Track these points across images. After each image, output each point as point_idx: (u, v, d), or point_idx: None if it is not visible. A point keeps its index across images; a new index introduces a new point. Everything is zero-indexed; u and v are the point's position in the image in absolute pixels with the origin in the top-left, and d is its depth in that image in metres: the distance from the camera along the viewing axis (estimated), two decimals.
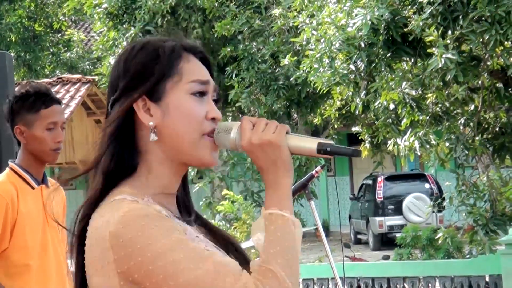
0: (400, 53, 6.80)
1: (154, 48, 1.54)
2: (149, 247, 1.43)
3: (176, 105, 1.52)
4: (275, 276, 1.44)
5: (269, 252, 1.46)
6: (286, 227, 1.49)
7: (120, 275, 1.45)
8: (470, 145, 7.33)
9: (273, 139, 1.51)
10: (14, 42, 21.63)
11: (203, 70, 1.57)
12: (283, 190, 1.52)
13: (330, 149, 1.50)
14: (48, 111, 3.15)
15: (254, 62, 13.28)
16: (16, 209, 3.09)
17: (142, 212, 1.45)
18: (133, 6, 14.50)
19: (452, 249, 10.91)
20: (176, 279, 1.42)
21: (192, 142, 1.53)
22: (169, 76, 1.52)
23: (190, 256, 1.43)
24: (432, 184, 16.81)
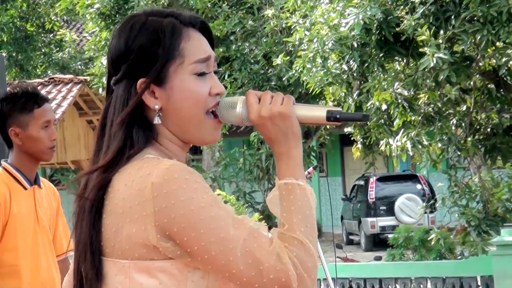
0: (392, 53, 6.80)
1: (154, 29, 1.54)
2: (192, 201, 1.43)
3: (181, 87, 1.53)
4: (301, 243, 1.46)
5: (293, 221, 1.47)
6: (304, 196, 1.51)
7: (158, 228, 1.45)
8: (462, 146, 7.34)
9: (283, 110, 1.52)
10: (5, 42, 21.56)
11: (203, 45, 1.57)
12: (296, 160, 1.53)
13: (339, 115, 1.51)
14: (41, 110, 3.14)
15: (246, 63, 13.27)
16: (8, 210, 3.07)
17: (185, 167, 1.47)
18: (126, 6, 14.48)
19: (444, 250, 10.92)
20: (216, 234, 1.43)
21: (197, 122, 1.55)
22: (172, 59, 1.53)
23: (229, 215, 1.45)
24: (424, 185, 16.84)
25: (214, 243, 1.43)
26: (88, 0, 14.69)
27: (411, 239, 12.01)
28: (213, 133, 1.58)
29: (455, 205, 7.24)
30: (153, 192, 1.44)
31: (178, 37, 1.54)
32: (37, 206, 3.17)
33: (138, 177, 1.46)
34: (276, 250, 1.44)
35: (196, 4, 12.96)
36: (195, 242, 1.43)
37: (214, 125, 1.57)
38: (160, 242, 1.45)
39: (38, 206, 3.18)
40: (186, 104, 1.53)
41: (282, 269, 1.43)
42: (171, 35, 1.54)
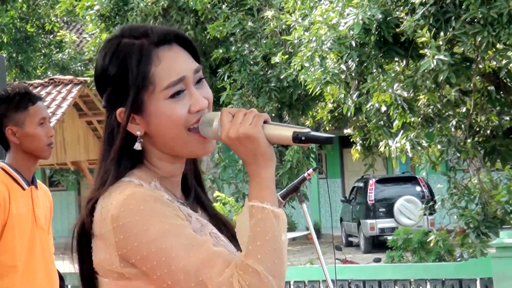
0: (391, 54, 6.79)
1: (124, 56, 1.54)
2: (144, 233, 1.46)
3: (156, 113, 1.54)
4: (255, 271, 1.45)
5: (249, 248, 1.47)
6: (267, 220, 1.48)
7: (120, 257, 1.49)
8: (462, 147, 7.33)
9: (250, 131, 1.50)
10: (6, 43, 21.56)
11: (177, 65, 1.55)
12: (264, 182, 1.51)
13: (304, 137, 1.50)
14: (36, 108, 3.16)
15: (246, 64, 13.27)
16: (7, 210, 3.07)
17: (142, 195, 1.49)
18: (125, 8, 14.48)
19: (443, 252, 10.92)
20: (167, 266, 1.46)
21: (180, 141, 1.55)
22: (143, 87, 1.53)
23: (183, 244, 1.46)
24: (424, 187, 16.84)
25: (168, 274, 1.46)
26: (88, 1, 14.70)
27: (410, 241, 12.01)
28: (201, 146, 1.57)
29: (454, 207, 7.23)
30: (112, 223, 1.49)
31: (146, 63, 1.53)
32: (34, 207, 3.18)
33: (105, 205, 1.51)
34: (228, 279, 1.44)
35: (196, 5, 12.96)
36: (152, 272, 1.47)
37: (199, 139, 1.56)
38: (125, 269, 1.50)
39: (35, 206, 3.19)
40: (165, 128, 1.54)
41: None
42: (138, 62, 1.53)
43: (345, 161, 22.12)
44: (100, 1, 14.50)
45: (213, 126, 1.55)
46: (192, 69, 1.56)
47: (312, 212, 20.63)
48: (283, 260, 1.49)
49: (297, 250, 17.28)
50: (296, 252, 16.78)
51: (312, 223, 4.47)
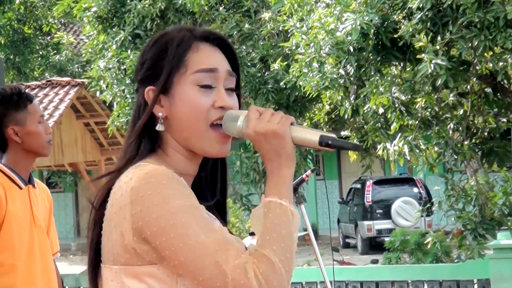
0: (389, 58, 6.82)
1: (166, 41, 1.61)
2: (165, 206, 1.47)
3: (182, 96, 1.58)
4: (270, 261, 1.48)
5: (265, 238, 1.50)
6: (284, 216, 1.52)
7: (134, 230, 1.50)
8: (459, 149, 7.35)
9: (278, 129, 1.54)
10: (3, 45, 21.55)
11: (213, 58, 1.60)
12: (284, 180, 1.55)
13: (331, 142, 1.53)
14: (34, 106, 3.20)
15: (243, 66, 13.28)
16: (4, 209, 3.09)
17: (164, 172, 1.51)
18: (123, 9, 14.48)
19: (441, 254, 10.95)
20: (184, 240, 1.46)
21: (198, 133, 1.59)
22: (176, 68, 1.58)
23: (201, 223, 1.48)
24: (421, 188, 16.87)
25: (183, 249, 1.46)
26: (85, 3, 14.70)
27: (408, 243, 12.03)
28: (217, 146, 1.60)
29: (452, 209, 7.26)
30: (131, 196, 1.50)
31: (184, 48, 1.59)
32: (32, 206, 3.20)
33: (123, 183, 1.53)
34: (243, 264, 1.47)
35: (193, 7, 12.97)
36: (166, 246, 1.47)
37: (217, 138, 1.60)
38: (137, 244, 1.50)
39: (33, 205, 3.20)
40: (185, 113, 1.58)
41: (245, 283, 1.46)
42: (177, 46, 1.59)
43: (343, 162, 22.14)
44: (98, 3, 14.51)
45: (238, 122, 1.58)
46: (225, 68, 1.62)
47: (309, 213, 20.64)
48: (294, 256, 1.52)
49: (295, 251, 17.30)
50: None
51: (309, 224, 4.50)
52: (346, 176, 21.99)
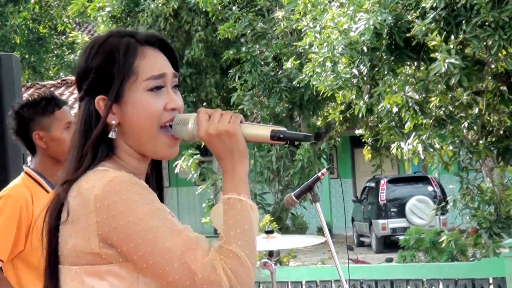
0: (403, 58, 6.81)
1: (110, 48, 1.64)
2: (131, 212, 1.52)
3: (134, 103, 1.62)
4: (236, 256, 1.54)
5: (230, 235, 1.55)
6: (244, 211, 1.58)
7: (100, 237, 1.54)
8: (474, 148, 7.34)
9: (229, 128, 1.60)
10: (18, 44, 21.66)
11: (159, 63, 1.66)
12: (240, 176, 1.61)
13: (282, 135, 1.59)
14: (62, 112, 3.21)
15: (256, 65, 13.28)
16: (31, 211, 3.11)
17: (126, 178, 1.56)
18: (136, 9, 14.53)
19: (456, 252, 10.91)
20: (152, 245, 1.51)
21: (150, 137, 1.64)
22: (127, 77, 1.62)
23: (167, 226, 1.53)
24: (435, 186, 16.81)
25: (151, 253, 1.51)
26: (100, 3, 14.75)
27: (422, 241, 12.00)
28: (168, 149, 1.65)
29: (467, 207, 7.24)
30: (95, 204, 1.54)
31: (132, 55, 1.63)
32: None
33: (85, 190, 1.56)
34: (211, 262, 1.52)
35: (206, 6, 12.99)
36: (134, 252, 1.52)
37: (168, 141, 1.65)
38: (102, 249, 1.55)
39: None
40: (139, 118, 1.63)
41: (215, 280, 1.51)
42: (125, 53, 1.63)
43: (356, 161, 22.11)
44: (112, 3, 14.57)
45: (188, 125, 1.63)
46: (171, 72, 1.67)
47: (323, 212, 20.61)
48: (256, 249, 1.58)
49: (309, 250, 17.30)
50: (308, 252, 16.80)
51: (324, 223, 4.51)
52: (360, 174, 21.94)
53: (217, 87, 14.41)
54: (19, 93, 3.88)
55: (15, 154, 3.74)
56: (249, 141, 1.61)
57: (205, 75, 14.40)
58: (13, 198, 3.11)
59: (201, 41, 14.02)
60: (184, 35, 14.32)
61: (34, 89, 15.62)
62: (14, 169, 3.69)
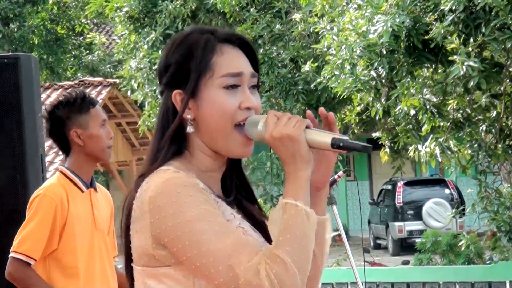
0: (421, 60, 6.79)
1: (190, 45, 1.65)
2: (180, 214, 1.54)
3: (209, 99, 1.62)
4: (282, 261, 1.53)
5: (279, 240, 1.55)
6: (298, 217, 1.57)
7: (153, 238, 1.57)
8: (493, 151, 7.30)
9: (292, 133, 1.60)
10: (36, 45, 21.78)
11: (236, 61, 1.66)
12: (300, 182, 1.60)
13: (343, 143, 1.59)
14: (97, 110, 3.24)
15: (274, 67, 13.28)
16: (66, 211, 3.13)
17: (180, 180, 1.57)
18: (154, 10, 14.57)
19: (473, 255, 10.86)
20: (198, 247, 1.53)
21: (224, 134, 1.64)
22: (203, 73, 1.63)
23: (214, 229, 1.54)
24: (452, 189, 16.73)
25: (197, 255, 1.53)
26: (117, 3, 14.81)
27: (439, 244, 11.95)
28: (242, 147, 1.65)
29: (485, 211, 7.20)
30: (149, 205, 1.57)
31: (210, 51, 1.64)
32: (94, 209, 3.23)
33: (143, 190, 1.60)
34: (255, 265, 1.52)
35: (224, 8, 13.01)
36: (182, 253, 1.55)
37: (242, 139, 1.65)
38: (156, 250, 1.57)
39: (95, 208, 3.23)
40: (213, 115, 1.63)
41: (257, 284, 1.51)
42: (203, 50, 1.64)
43: (373, 163, 22.05)
44: (129, 3, 14.62)
45: (258, 127, 1.63)
46: (250, 71, 1.67)
47: (340, 214, 20.55)
48: (309, 257, 1.56)
49: None
50: None
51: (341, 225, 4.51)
52: (376, 177, 21.88)
53: None
54: (37, 93, 3.90)
55: (34, 155, 3.76)
56: (312, 147, 1.60)
57: None
58: (49, 197, 3.13)
59: None
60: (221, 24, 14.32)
61: (52, 90, 15.72)
62: (33, 170, 3.71)
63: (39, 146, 3.79)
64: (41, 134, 3.81)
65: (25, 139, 3.73)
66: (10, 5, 21.02)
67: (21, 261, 3.10)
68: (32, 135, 3.76)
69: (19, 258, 3.11)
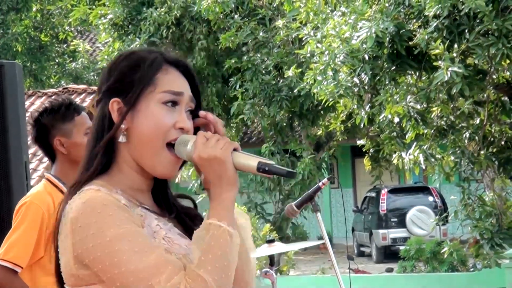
0: (404, 67, 6.81)
1: (137, 59, 1.69)
2: (100, 234, 1.56)
3: (147, 112, 1.65)
4: (203, 280, 1.54)
5: (201, 259, 1.56)
6: (221, 237, 1.59)
7: (75, 258, 1.59)
8: (476, 159, 7.33)
9: (219, 155, 1.61)
10: (20, 52, 21.68)
11: (179, 83, 1.69)
12: (224, 203, 1.62)
13: (268, 168, 1.61)
14: (81, 118, 3.22)
15: (258, 74, 13.30)
16: (52, 219, 3.11)
17: (100, 200, 1.59)
18: (138, 17, 14.55)
19: (456, 262, 10.89)
20: (119, 267, 1.55)
21: (154, 150, 1.65)
22: (145, 85, 1.66)
23: (134, 249, 1.56)
24: (436, 197, 16.79)
25: (118, 275, 1.55)
26: (101, 10, 14.78)
27: (423, 251, 11.98)
28: (168, 166, 1.67)
29: (468, 218, 7.22)
30: (71, 226, 1.59)
31: (156, 68, 1.68)
32: None
33: (66, 212, 1.62)
34: (176, 285, 1.54)
35: (208, 15, 13.01)
36: (103, 273, 1.56)
37: (170, 158, 1.66)
38: (79, 270, 1.59)
39: None
40: (148, 128, 1.65)
41: None
42: (149, 65, 1.67)
43: (357, 171, 22.09)
44: (114, 10, 14.59)
45: (187, 146, 1.65)
46: (189, 94, 1.70)
47: (323, 222, 20.57)
48: (231, 276, 1.58)
49: (309, 260, 17.27)
50: (308, 262, 16.77)
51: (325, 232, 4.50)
52: (360, 184, 21.93)
53: (218, 96, 14.42)
54: (22, 101, 3.87)
55: (18, 162, 3.74)
56: (238, 170, 1.63)
57: (207, 83, 14.40)
58: (35, 205, 3.12)
59: (203, 50, 14.04)
60: (186, 44, 14.33)
61: (35, 97, 15.64)
62: (17, 177, 3.69)
63: (23, 153, 3.76)
64: (25, 141, 3.79)
65: (9, 146, 3.70)
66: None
67: (8, 268, 3.08)
68: (17, 142, 3.73)
69: (5, 265, 3.09)
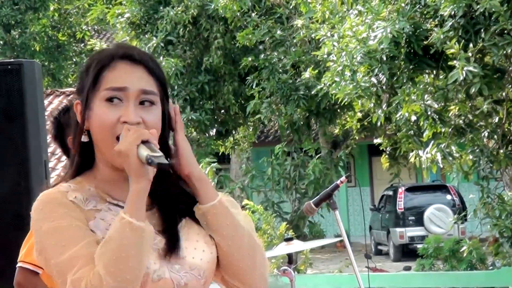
0: (421, 66, 6.79)
1: (90, 60, 1.78)
2: (39, 230, 1.70)
3: (94, 111, 1.73)
4: (98, 274, 1.60)
5: (99, 252, 1.63)
6: (120, 229, 1.64)
7: (35, 249, 1.73)
8: (495, 157, 7.29)
9: (123, 148, 1.66)
10: (38, 51, 21.82)
11: (125, 76, 1.73)
12: (131, 195, 1.67)
13: (151, 161, 1.66)
14: None
15: (275, 72, 13.29)
16: None
17: (46, 198, 1.71)
18: (155, 16, 14.58)
19: (475, 261, 10.85)
20: (48, 260, 1.68)
21: (106, 146, 1.73)
22: (90, 85, 1.73)
23: (60, 243, 1.66)
24: (454, 195, 16.72)
25: (48, 268, 1.69)
26: (119, 9, 14.83)
27: (441, 250, 11.94)
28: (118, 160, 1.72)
29: (487, 217, 7.19)
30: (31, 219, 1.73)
31: (103, 67, 1.74)
32: None
33: None
34: (78, 278, 1.62)
35: (225, 13, 13.02)
36: (42, 265, 1.71)
37: None
38: (39, 259, 1.72)
39: None
40: (95, 126, 1.72)
41: None
42: (96, 64, 1.74)
43: (374, 169, 22.04)
44: (131, 9, 14.63)
45: None
46: (140, 88, 1.72)
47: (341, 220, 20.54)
48: (133, 267, 1.60)
49: (326, 258, 17.26)
50: (325, 260, 16.75)
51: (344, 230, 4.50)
52: (378, 183, 21.87)
53: (235, 94, 14.42)
54: (41, 99, 3.90)
55: (37, 161, 3.77)
56: (142, 162, 1.65)
57: (223, 82, 14.42)
58: None
59: (219, 48, 14.04)
60: (203, 42, 14.35)
61: (53, 96, 15.73)
62: (36, 177, 3.72)
63: (42, 152, 3.79)
64: (44, 140, 3.81)
65: (29, 145, 3.73)
66: (11, 12, 21.06)
67: (29, 270, 3.11)
68: (36, 141, 3.76)
69: (26, 267, 3.12)
